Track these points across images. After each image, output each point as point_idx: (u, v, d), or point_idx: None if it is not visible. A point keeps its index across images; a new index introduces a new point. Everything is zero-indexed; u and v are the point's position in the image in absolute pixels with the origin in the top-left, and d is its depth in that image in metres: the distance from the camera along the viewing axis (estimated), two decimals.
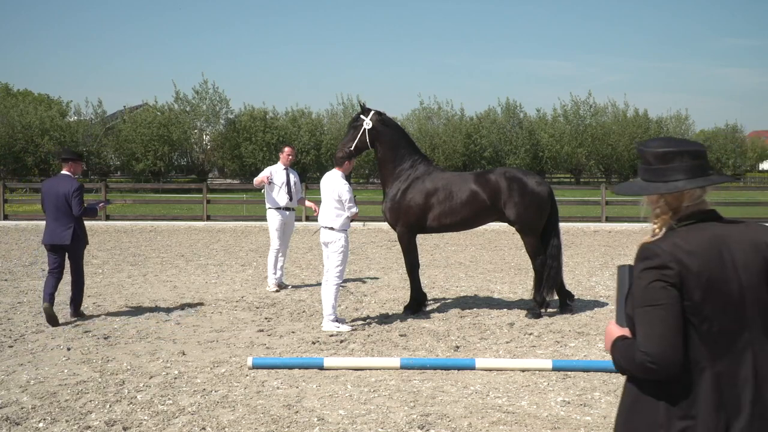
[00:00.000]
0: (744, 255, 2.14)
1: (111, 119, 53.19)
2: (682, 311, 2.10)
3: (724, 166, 61.32)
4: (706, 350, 2.11)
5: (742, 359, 2.12)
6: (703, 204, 2.24)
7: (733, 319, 2.12)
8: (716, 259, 2.12)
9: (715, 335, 2.11)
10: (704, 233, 2.16)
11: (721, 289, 2.10)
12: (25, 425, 4.69)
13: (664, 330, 2.09)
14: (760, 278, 2.14)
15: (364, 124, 8.21)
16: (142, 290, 9.72)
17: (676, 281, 2.09)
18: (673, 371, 2.10)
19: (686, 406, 2.11)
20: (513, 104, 55.12)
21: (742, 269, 2.13)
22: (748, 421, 2.08)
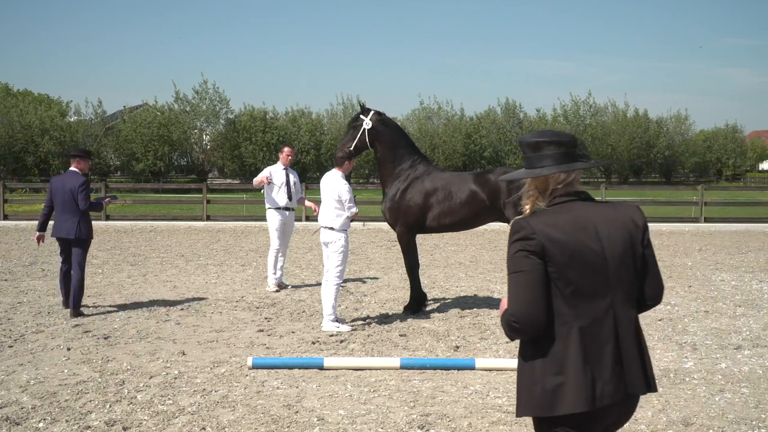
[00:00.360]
0: (609, 229, 2.42)
1: (111, 119, 53.19)
2: (544, 277, 2.36)
3: (724, 166, 61.34)
4: (572, 312, 2.37)
5: (604, 320, 2.40)
6: (571, 186, 2.50)
7: (596, 284, 2.39)
8: (581, 232, 2.39)
9: (579, 298, 2.37)
10: (572, 211, 2.44)
11: (585, 257, 2.37)
12: (25, 425, 4.69)
13: (527, 293, 2.36)
14: (624, 250, 2.43)
15: (363, 124, 8.21)
16: (142, 290, 9.72)
17: (538, 250, 2.36)
18: (535, 330, 2.37)
19: (557, 363, 2.36)
20: (513, 104, 55.15)
21: (607, 241, 2.40)
22: (610, 376, 2.34)
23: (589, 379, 2.35)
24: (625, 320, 2.45)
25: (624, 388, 2.39)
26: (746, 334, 7.27)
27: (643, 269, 2.51)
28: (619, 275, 2.43)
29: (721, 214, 22.09)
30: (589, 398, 2.34)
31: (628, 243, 2.45)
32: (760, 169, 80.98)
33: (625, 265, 2.44)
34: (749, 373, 5.90)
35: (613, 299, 2.42)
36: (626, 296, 2.46)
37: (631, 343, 2.44)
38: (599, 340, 2.39)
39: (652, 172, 61.57)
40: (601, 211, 2.47)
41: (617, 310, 2.43)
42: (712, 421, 4.81)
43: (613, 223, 2.45)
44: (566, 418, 2.37)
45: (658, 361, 6.25)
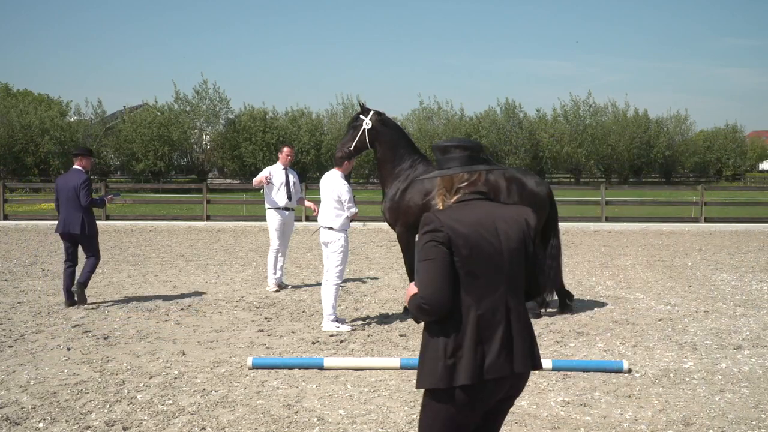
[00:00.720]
0: (507, 226, 2.75)
1: (111, 119, 53.22)
2: (450, 265, 2.66)
3: (724, 166, 61.35)
4: (471, 297, 2.68)
5: (498, 306, 2.71)
6: (474, 186, 2.84)
7: (494, 273, 2.70)
8: (482, 227, 2.71)
9: (478, 286, 2.68)
10: (475, 209, 2.77)
11: (485, 250, 2.69)
12: (25, 425, 4.69)
13: (435, 278, 2.65)
14: (519, 245, 2.76)
15: (363, 124, 8.21)
16: (142, 290, 9.72)
17: (445, 241, 2.66)
18: (441, 311, 2.66)
19: (457, 342, 2.67)
20: (512, 104, 55.15)
21: (504, 237, 2.73)
22: (497, 353, 2.67)
23: (480, 356, 2.66)
24: (515, 308, 2.76)
25: (510, 366, 2.71)
26: (746, 334, 7.27)
27: (534, 264, 2.87)
28: (513, 268, 2.75)
29: (721, 214, 22.08)
30: (478, 373, 2.65)
31: (521, 240, 2.78)
32: (760, 169, 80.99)
33: (518, 259, 2.76)
34: (749, 373, 5.90)
35: (506, 289, 2.73)
36: (517, 287, 2.78)
37: (519, 328, 2.76)
38: (492, 323, 2.70)
39: (652, 172, 61.59)
40: (500, 210, 2.81)
41: (509, 298, 2.74)
42: (712, 421, 4.81)
43: (510, 221, 2.78)
44: (460, 390, 2.67)
45: (658, 361, 6.26)
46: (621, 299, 9.06)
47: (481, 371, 2.66)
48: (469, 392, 2.67)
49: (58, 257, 13.01)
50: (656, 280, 10.66)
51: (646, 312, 8.30)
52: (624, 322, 7.73)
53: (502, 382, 2.71)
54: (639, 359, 6.30)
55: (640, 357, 6.38)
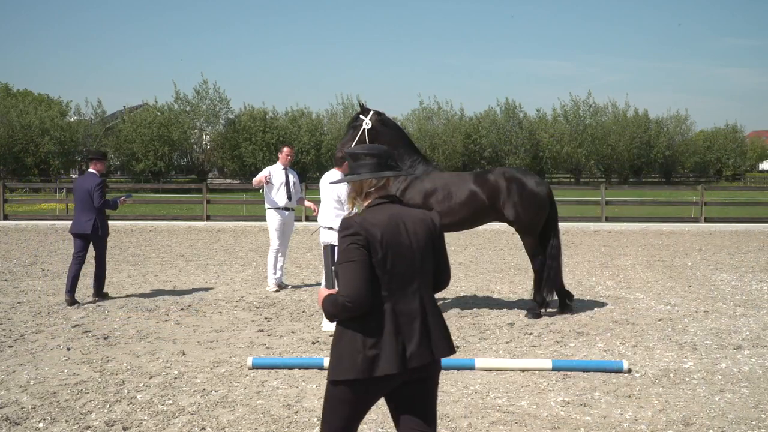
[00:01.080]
0: (415, 226, 3.00)
1: (111, 119, 53.24)
2: (369, 265, 2.88)
3: (724, 166, 61.36)
4: (389, 292, 2.92)
5: (413, 299, 2.96)
6: (383, 190, 3.09)
7: (407, 271, 2.95)
8: (394, 228, 2.95)
9: (394, 282, 2.92)
10: (386, 211, 3.00)
11: (398, 250, 2.93)
12: (25, 425, 4.69)
13: (356, 278, 2.85)
14: (427, 243, 3.02)
15: (363, 124, 8.21)
16: (142, 290, 9.72)
17: (364, 244, 2.88)
18: (363, 307, 2.86)
19: (376, 335, 2.88)
20: (512, 104, 55.16)
21: (413, 236, 2.98)
22: (417, 343, 2.91)
23: (401, 347, 2.89)
24: (428, 300, 3.02)
25: (431, 353, 2.95)
26: (746, 334, 7.27)
27: (437, 260, 3.12)
28: (423, 264, 3.01)
29: (720, 214, 22.09)
30: (400, 362, 2.87)
31: (429, 238, 3.05)
32: (760, 169, 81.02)
33: (427, 256, 3.03)
34: (749, 373, 5.90)
35: (419, 283, 2.99)
36: (428, 281, 3.05)
37: (434, 318, 3.02)
38: (410, 316, 2.94)
39: (652, 172, 61.62)
40: (408, 212, 3.06)
41: (422, 292, 3.00)
42: (712, 421, 4.81)
43: (417, 221, 3.04)
44: (380, 380, 2.88)
45: (658, 361, 6.26)
46: (621, 299, 9.06)
47: (404, 360, 2.89)
48: (387, 381, 2.91)
49: (58, 257, 13.02)
50: (656, 280, 10.66)
51: (646, 312, 8.30)
52: (624, 322, 7.73)
53: (420, 369, 2.95)
54: (639, 359, 6.30)
55: (640, 357, 6.38)
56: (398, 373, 2.89)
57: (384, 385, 2.93)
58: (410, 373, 2.94)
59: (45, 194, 34.82)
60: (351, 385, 2.92)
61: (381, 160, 3.08)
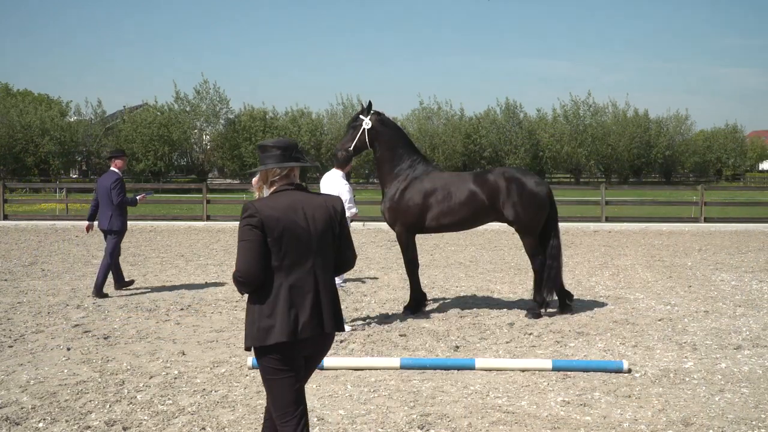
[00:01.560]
0: (314, 211, 3.32)
1: (111, 119, 53.24)
2: (263, 245, 3.21)
3: (724, 166, 61.36)
4: (284, 270, 3.24)
5: (307, 278, 3.27)
6: (288, 179, 3.41)
7: (302, 251, 3.26)
8: (293, 212, 3.27)
9: (289, 260, 3.24)
10: (287, 197, 3.32)
11: (294, 232, 3.25)
12: (25, 425, 4.69)
13: (249, 256, 3.19)
14: (326, 227, 3.34)
15: (363, 124, 8.21)
16: (142, 290, 9.72)
17: (258, 225, 3.20)
18: (254, 282, 3.21)
19: (270, 308, 3.22)
20: (513, 104, 55.16)
21: (311, 220, 3.30)
22: (309, 316, 3.24)
23: (293, 319, 3.22)
24: (323, 279, 3.31)
25: (321, 327, 3.28)
26: (746, 334, 7.27)
27: (342, 243, 3.44)
28: (321, 246, 3.31)
29: (720, 214, 22.08)
30: (291, 332, 3.20)
31: (328, 223, 3.35)
32: (760, 169, 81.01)
33: (325, 239, 3.34)
34: (749, 373, 5.90)
35: (314, 263, 3.29)
36: (325, 262, 3.34)
37: (327, 296, 3.31)
38: (303, 292, 3.26)
39: (652, 172, 61.61)
40: (309, 198, 3.36)
41: (317, 271, 3.30)
42: (712, 421, 4.82)
43: (317, 207, 3.35)
44: (275, 347, 3.22)
45: (658, 361, 6.26)
46: (621, 299, 9.06)
47: (296, 331, 3.22)
48: (284, 349, 3.23)
49: (58, 257, 13.03)
50: (656, 280, 10.66)
51: (646, 312, 8.30)
52: (624, 322, 7.73)
53: (313, 340, 3.31)
54: (639, 359, 6.30)
55: (640, 357, 6.38)
56: (290, 342, 3.21)
57: (286, 353, 3.25)
58: (311, 345, 3.32)
59: (45, 194, 34.84)
60: (259, 353, 3.27)
61: (286, 152, 3.41)
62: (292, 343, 3.23)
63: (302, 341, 3.25)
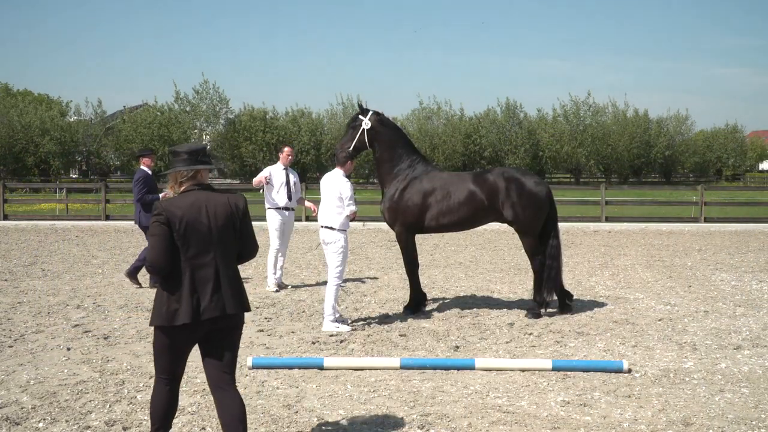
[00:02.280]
0: (216, 208, 3.80)
1: (111, 119, 53.22)
2: (169, 239, 3.70)
3: (724, 166, 61.33)
4: (188, 260, 3.72)
5: (209, 266, 3.76)
6: (195, 180, 3.87)
7: (204, 243, 3.75)
8: (196, 210, 3.74)
9: (192, 252, 3.73)
10: (192, 196, 3.80)
11: (196, 227, 3.72)
12: (25, 425, 4.69)
13: (156, 248, 3.70)
14: (226, 222, 3.81)
15: (363, 124, 8.21)
16: (142, 290, 9.71)
17: (165, 222, 3.70)
18: (162, 270, 3.71)
19: (177, 293, 3.70)
20: (512, 104, 55.15)
21: (213, 217, 3.77)
22: (209, 300, 3.72)
23: (195, 303, 3.70)
24: (223, 267, 3.79)
25: (222, 309, 3.74)
26: (746, 334, 7.27)
27: (243, 236, 3.91)
28: (221, 239, 3.79)
29: (720, 214, 22.08)
30: (194, 314, 3.68)
31: (229, 219, 3.82)
32: (760, 169, 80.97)
33: (226, 232, 3.81)
34: (749, 373, 5.90)
35: (215, 254, 3.77)
36: (225, 252, 3.82)
37: (227, 282, 3.79)
38: (204, 279, 3.73)
39: (652, 172, 61.59)
40: (213, 197, 3.83)
41: (218, 260, 3.78)
42: (712, 421, 4.81)
43: (219, 205, 3.83)
44: (181, 328, 3.71)
45: (658, 361, 6.26)
46: (621, 299, 9.06)
47: (198, 313, 3.70)
48: (186, 329, 3.72)
49: (58, 257, 13.03)
50: (656, 280, 10.66)
51: (646, 312, 8.30)
52: (624, 322, 7.73)
53: (215, 320, 3.76)
54: (639, 359, 6.30)
55: (640, 357, 6.38)
56: (192, 323, 3.68)
57: (188, 332, 3.74)
58: (213, 324, 3.77)
59: (45, 194, 34.82)
60: (162, 331, 3.76)
61: (193, 156, 3.86)
62: (194, 324, 3.70)
63: (204, 322, 3.73)
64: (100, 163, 50.83)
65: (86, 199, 28.65)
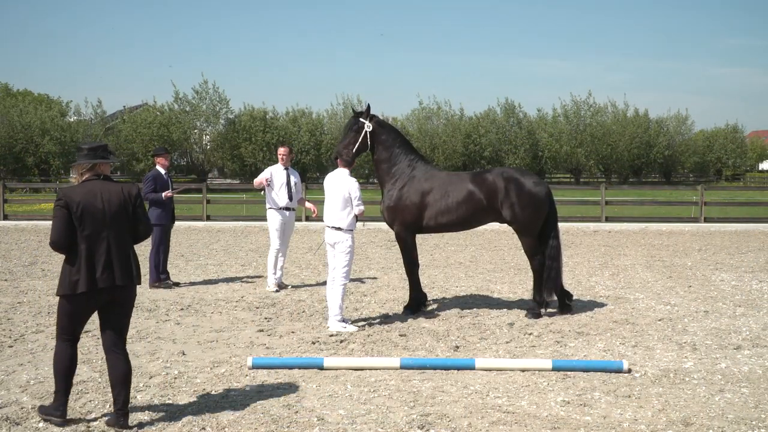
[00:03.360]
0: (110, 196, 4.57)
1: (111, 119, 53.19)
2: (69, 221, 4.43)
3: (724, 166, 61.31)
4: (84, 239, 4.45)
5: (102, 244, 4.51)
6: (94, 171, 4.64)
7: (98, 225, 4.49)
8: (92, 197, 4.50)
9: (88, 232, 4.46)
10: (91, 185, 4.57)
11: (91, 211, 4.46)
12: (25, 425, 4.69)
13: (56, 229, 4.46)
14: (118, 208, 4.58)
15: (365, 127, 8.24)
16: (142, 290, 9.71)
17: (64, 206, 4.44)
18: (62, 248, 4.46)
19: (77, 266, 4.45)
20: (511, 104, 55.14)
21: (107, 202, 4.54)
22: (101, 272, 4.48)
23: (91, 274, 4.45)
24: (115, 245, 4.55)
25: (112, 280, 4.51)
26: (746, 334, 7.27)
27: (135, 219, 4.67)
28: (113, 221, 4.54)
29: (720, 214, 22.08)
30: (91, 284, 4.45)
31: (122, 205, 4.59)
32: (760, 169, 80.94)
33: (118, 216, 4.57)
34: (749, 373, 5.90)
35: (108, 234, 4.52)
36: (118, 233, 4.57)
37: (118, 258, 4.55)
38: (98, 255, 4.49)
39: (652, 172, 61.56)
40: (108, 186, 4.60)
41: (111, 240, 4.53)
42: (712, 421, 4.82)
43: (113, 193, 4.59)
44: (80, 295, 4.47)
45: (658, 361, 6.26)
46: (621, 299, 9.06)
47: (93, 283, 4.45)
48: (84, 296, 4.48)
49: (58, 257, 12.99)
50: (656, 280, 10.66)
51: (646, 312, 8.30)
52: (624, 322, 7.73)
53: (109, 290, 4.53)
54: (639, 359, 6.30)
55: (640, 357, 6.38)
56: (89, 291, 4.43)
57: (86, 299, 4.50)
58: (108, 294, 4.54)
59: (45, 194, 34.80)
60: (66, 298, 4.51)
61: (92, 152, 4.63)
62: (91, 292, 4.45)
63: (99, 290, 4.49)
64: None
65: None
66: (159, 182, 9.93)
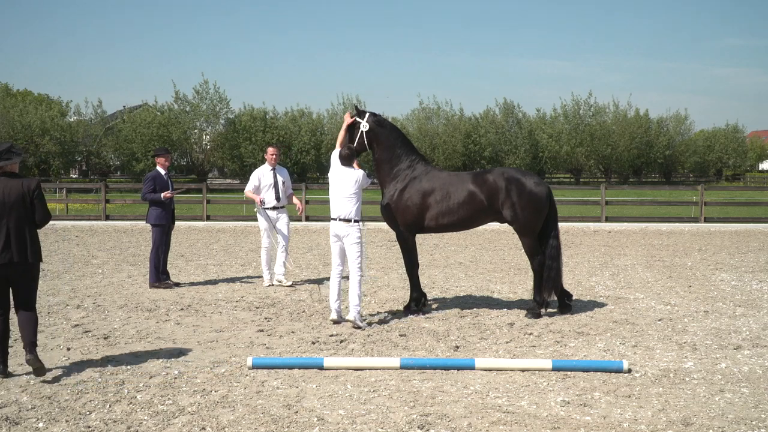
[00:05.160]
0: (10, 189, 5.49)
1: (111, 119, 53.22)
2: None
3: (724, 166, 61.35)
4: None
5: (3, 229, 5.44)
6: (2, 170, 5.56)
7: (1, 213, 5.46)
8: None
9: None
10: None
11: None
12: (25, 425, 4.69)
13: None
14: (16, 199, 5.48)
15: (361, 126, 8.21)
16: (142, 290, 9.72)
17: None
18: None
19: None
20: (510, 104, 55.17)
21: (7, 195, 5.47)
22: (1, 251, 5.44)
23: None
24: (14, 230, 5.49)
25: (10, 258, 5.45)
26: (746, 334, 7.27)
27: (32, 209, 5.57)
28: (12, 210, 5.47)
29: (720, 214, 22.10)
30: None
31: (19, 197, 5.50)
32: (760, 169, 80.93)
33: (16, 206, 5.49)
34: (749, 373, 5.90)
35: (8, 221, 5.46)
36: (17, 220, 5.49)
37: (15, 240, 5.48)
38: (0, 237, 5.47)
39: (652, 172, 61.61)
40: (9, 181, 5.51)
41: (10, 227, 5.47)
42: (712, 421, 4.82)
43: (14, 187, 5.52)
44: None
45: (658, 361, 6.26)
46: (621, 299, 9.06)
47: None
48: None
49: (58, 257, 13.03)
50: (656, 280, 10.66)
51: (646, 312, 8.30)
52: (624, 322, 7.74)
53: (8, 265, 5.47)
54: (639, 359, 6.30)
55: (640, 357, 6.38)
56: None
57: None
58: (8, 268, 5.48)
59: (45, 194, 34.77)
60: None
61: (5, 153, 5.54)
62: None
63: (3, 266, 5.45)
64: (100, 163, 50.84)
65: (86, 199, 28.66)
66: (158, 182, 9.94)
